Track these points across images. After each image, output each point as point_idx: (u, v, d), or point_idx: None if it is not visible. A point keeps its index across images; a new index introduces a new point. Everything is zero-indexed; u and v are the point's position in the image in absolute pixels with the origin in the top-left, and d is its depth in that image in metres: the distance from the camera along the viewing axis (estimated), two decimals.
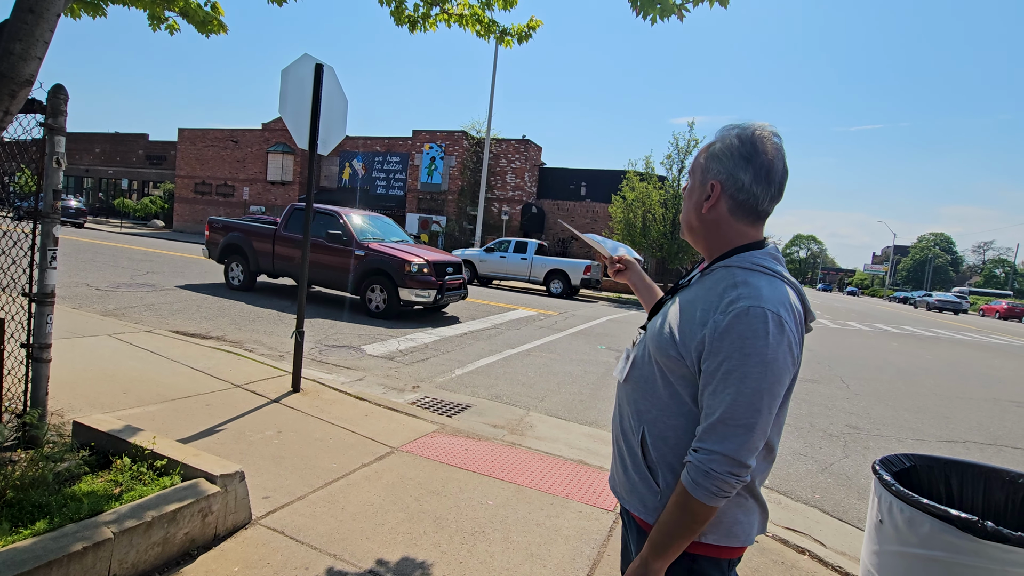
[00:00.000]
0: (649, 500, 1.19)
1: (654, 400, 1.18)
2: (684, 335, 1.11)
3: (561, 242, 27.40)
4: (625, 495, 1.26)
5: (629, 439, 1.25)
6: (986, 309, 40.77)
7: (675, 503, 1.09)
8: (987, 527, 1.48)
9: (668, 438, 1.16)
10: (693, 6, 2.96)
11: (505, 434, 4.18)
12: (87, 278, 9.63)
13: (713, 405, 1.05)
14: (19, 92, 2.07)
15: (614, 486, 1.33)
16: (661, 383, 1.17)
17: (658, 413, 1.17)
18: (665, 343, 1.15)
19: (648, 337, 1.24)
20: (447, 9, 4.20)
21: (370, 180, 29.85)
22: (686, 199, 1.26)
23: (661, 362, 1.17)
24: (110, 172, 38.83)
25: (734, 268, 1.13)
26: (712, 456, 1.04)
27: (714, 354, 1.05)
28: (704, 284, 1.17)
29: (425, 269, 8.87)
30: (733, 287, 1.09)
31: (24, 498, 2.09)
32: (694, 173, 1.23)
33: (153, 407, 3.70)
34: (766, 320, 1.03)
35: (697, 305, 1.13)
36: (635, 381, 1.24)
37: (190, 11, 4.03)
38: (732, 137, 1.16)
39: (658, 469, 1.17)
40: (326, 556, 2.32)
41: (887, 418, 5.96)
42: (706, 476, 1.04)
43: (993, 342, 17.13)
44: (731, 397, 1.03)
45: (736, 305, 1.05)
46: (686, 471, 1.08)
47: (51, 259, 2.76)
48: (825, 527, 3.32)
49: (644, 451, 1.20)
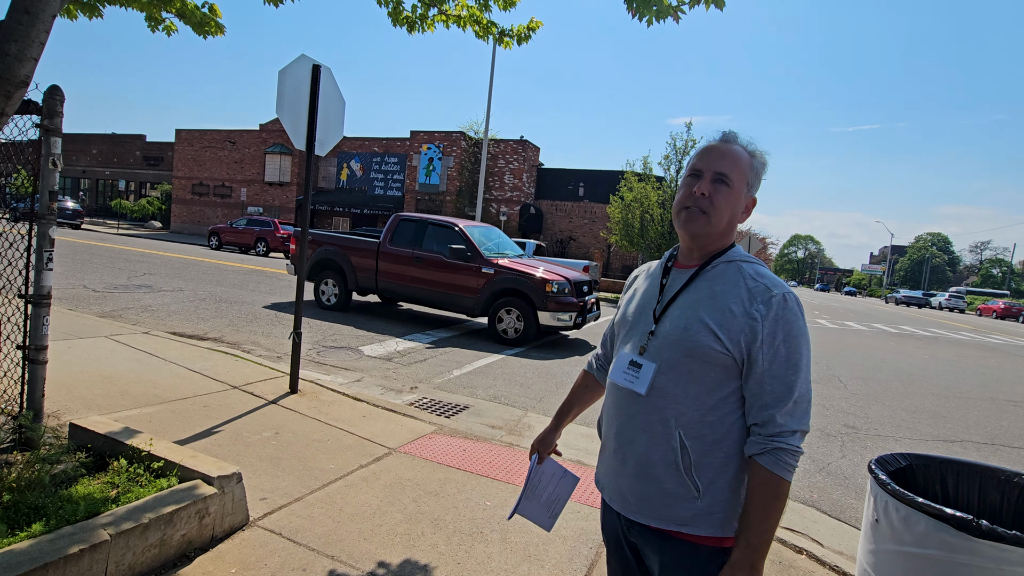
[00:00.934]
0: (686, 509, 1.16)
1: (688, 401, 1.17)
2: (727, 329, 1.14)
3: (559, 243, 27.42)
4: (647, 511, 1.20)
5: (658, 450, 1.18)
6: (983, 309, 40.88)
7: (767, 495, 1.10)
8: (982, 526, 1.48)
9: (704, 436, 1.16)
10: (689, 8, 2.97)
11: (503, 435, 4.18)
12: (84, 279, 9.61)
13: (781, 389, 1.12)
14: (14, 93, 2.06)
15: (625, 506, 1.25)
16: (695, 382, 1.17)
17: (694, 414, 1.16)
18: (705, 339, 1.15)
19: (670, 340, 1.20)
20: (445, 10, 4.20)
21: (368, 181, 29.84)
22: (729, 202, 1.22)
23: (698, 359, 1.16)
24: (107, 173, 38.74)
25: (738, 263, 1.22)
26: (795, 435, 1.12)
27: (770, 341, 1.13)
28: (714, 280, 1.21)
29: (567, 289, 7.89)
30: (752, 279, 1.18)
31: (20, 500, 2.08)
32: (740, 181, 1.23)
33: (150, 409, 3.69)
34: (799, 303, 1.16)
35: (726, 300, 1.17)
36: (663, 387, 1.19)
37: (187, 12, 4.02)
38: (762, 156, 1.27)
39: (695, 472, 1.15)
40: (324, 557, 2.32)
41: (884, 418, 5.97)
42: (794, 455, 1.11)
43: (990, 342, 17.18)
44: (795, 378, 1.12)
45: (773, 294, 1.15)
46: (772, 458, 1.10)
47: (47, 260, 2.75)
48: (823, 526, 3.33)
49: (683, 457, 1.16)
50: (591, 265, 17.32)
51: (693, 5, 2.95)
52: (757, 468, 1.12)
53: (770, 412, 1.11)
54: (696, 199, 1.22)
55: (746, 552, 1.10)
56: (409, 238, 8.80)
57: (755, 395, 1.14)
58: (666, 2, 2.96)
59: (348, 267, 9.12)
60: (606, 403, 1.35)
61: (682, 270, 1.29)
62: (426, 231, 8.78)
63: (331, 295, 9.34)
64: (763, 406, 1.12)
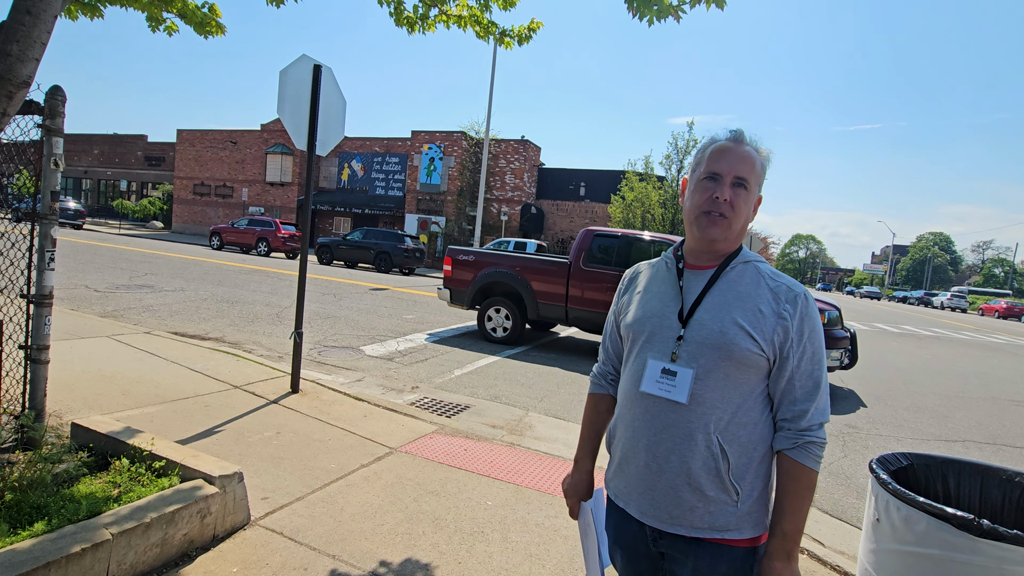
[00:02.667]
0: (725, 515, 1.16)
1: (725, 405, 1.16)
2: (760, 331, 1.16)
3: (560, 242, 27.42)
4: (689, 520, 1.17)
5: (699, 458, 1.15)
6: (985, 308, 40.80)
7: (802, 486, 1.14)
8: (983, 525, 1.48)
9: (739, 437, 1.17)
10: (690, 7, 2.96)
11: (504, 434, 4.18)
12: (85, 279, 9.63)
13: (808, 386, 1.16)
14: (16, 94, 2.07)
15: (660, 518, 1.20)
16: (732, 385, 1.16)
17: (730, 417, 1.16)
18: (742, 341, 1.15)
19: (706, 345, 1.17)
20: (446, 10, 4.20)
21: (369, 181, 29.85)
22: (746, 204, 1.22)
23: (735, 362, 1.15)
24: (109, 173, 38.80)
25: (754, 263, 1.25)
26: (822, 427, 1.17)
27: (798, 340, 1.16)
28: (736, 282, 1.22)
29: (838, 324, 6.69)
30: (771, 279, 1.21)
31: (23, 499, 2.09)
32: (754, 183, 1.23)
33: (152, 408, 3.70)
34: (814, 301, 1.21)
35: (754, 301, 1.19)
36: (699, 394, 1.16)
37: (188, 12, 4.02)
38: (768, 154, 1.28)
39: (734, 476, 1.15)
40: (325, 557, 2.32)
41: (886, 417, 5.96)
42: (821, 447, 1.16)
43: (992, 341, 17.15)
44: (822, 372, 1.18)
45: (796, 293, 1.19)
46: (804, 452, 1.14)
47: (49, 260, 2.76)
48: (824, 526, 3.32)
49: (723, 462, 1.15)
50: None
51: (694, 4, 2.94)
52: (789, 462, 1.15)
53: (801, 407, 1.15)
54: (719, 205, 1.20)
55: (783, 542, 1.14)
56: (611, 257, 7.42)
57: (785, 392, 1.17)
58: (667, 1, 2.96)
59: (527, 292, 7.67)
60: (628, 415, 1.27)
61: (697, 271, 1.26)
62: (636, 248, 7.36)
63: (501, 325, 7.90)
64: (793, 401, 1.16)
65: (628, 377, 1.28)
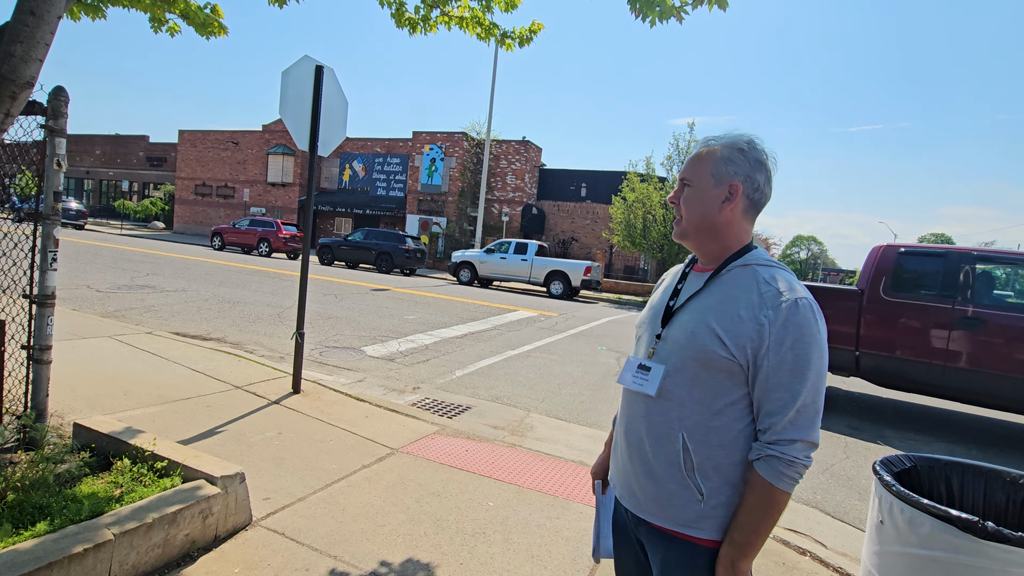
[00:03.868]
0: (690, 510, 1.18)
1: (694, 405, 1.18)
2: (733, 335, 1.14)
3: (561, 243, 27.41)
4: (655, 510, 1.22)
5: (663, 451, 1.20)
6: None
7: (758, 500, 1.11)
8: (988, 527, 1.48)
9: (710, 440, 1.17)
10: (692, 8, 2.96)
11: (505, 435, 4.18)
12: (87, 280, 9.64)
13: (785, 397, 1.10)
14: (20, 94, 2.07)
15: (635, 503, 1.27)
16: (701, 386, 1.17)
17: (699, 417, 1.17)
18: (711, 344, 1.15)
19: (680, 344, 1.21)
20: (448, 11, 4.20)
21: (370, 181, 29.87)
22: (693, 204, 1.26)
23: (704, 364, 1.17)
24: (111, 174, 38.86)
25: (753, 266, 1.20)
26: (795, 445, 1.10)
27: (776, 348, 1.10)
28: (726, 284, 1.21)
29: None
30: (765, 283, 1.16)
31: (25, 499, 2.09)
32: (699, 179, 1.25)
33: (153, 408, 3.70)
34: (813, 310, 1.13)
35: (735, 305, 1.16)
36: (669, 390, 1.21)
37: (190, 13, 4.03)
38: (740, 142, 1.24)
39: (698, 475, 1.17)
40: (327, 557, 2.32)
41: (887, 418, 5.95)
42: (790, 465, 1.09)
43: None
44: (801, 385, 1.10)
45: (784, 299, 1.12)
46: (766, 464, 1.10)
47: (51, 261, 2.76)
48: (826, 528, 3.32)
49: (685, 459, 1.18)
50: (593, 266, 17.31)
51: (696, 5, 2.94)
52: (753, 473, 1.13)
53: (772, 419, 1.11)
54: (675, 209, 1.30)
55: (729, 549, 1.13)
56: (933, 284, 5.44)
57: (760, 401, 1.14)
58: (669, 3, 2.96)
59: None
60: (620, 407, 1.37)
61: (699, 274, 1.30)
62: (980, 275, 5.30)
63: None
64: (767, 413, 1.12)
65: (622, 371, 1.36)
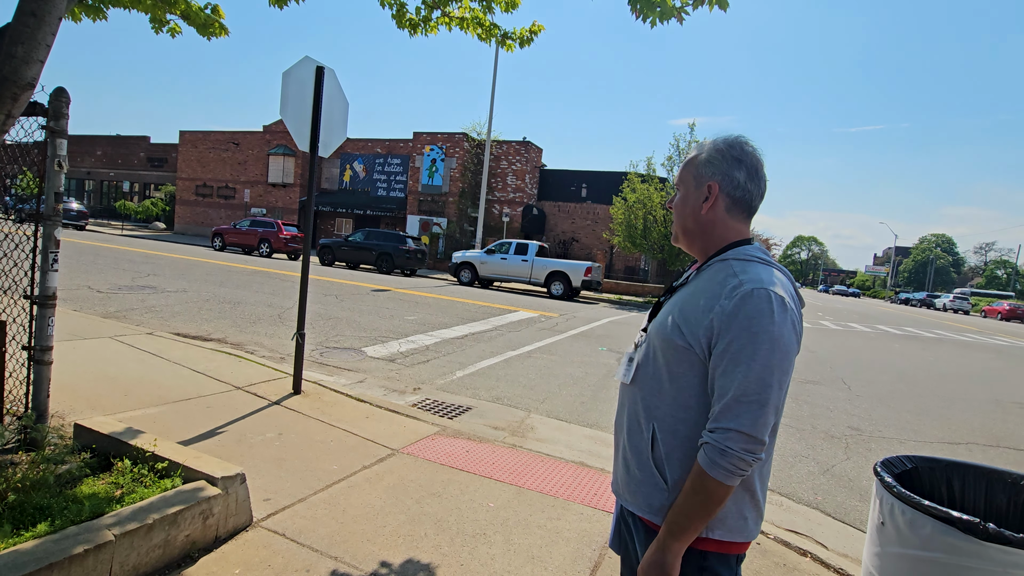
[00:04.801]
0: (656, 498, 1.20)
1: (662, 396, 1.21)
2: (691, 324, 1.16)
3: (562, 244, 27.41)
4: (629, 496, 1.27)
5: (635, 439, 1.26)
6: (988, 310, 40.70)
7: (692, 485, 1.12)
8: (989, 529, 1.47)
9: (678, 431, 1.18)
10: (693, 8, 2.96)
11: (506, 436, 4.17)
12: (88, 280, 9.64)
13: (726, 385, 1.09)
14: (21, 95, 2.07)
15: (617, 489, 1.34)
16: (667, 377, 1.20)
17: (667, 408, 1.20)
18: (672, 334, 1.19)
19: (652, 336, 1.27)
20: (448, 12, 4.20)
21: (371, 182, 29.88)
22: (679, 207, 1.32)
23: (668, 355, 1.20)
24: (111, 174, 38.89)
25: (730, 260, 1.21)
26: (728, 434, 1.07)
27: (724, 335, 1.10)
28: (702, 278, 1.24)
29: None
30: (733, 275, 1.16)
31: (26, 500, 2.09)
32: (684, 183, 1.31)
33: (154, 409, 3.70)
34: (770, 300, 1.10)
35: (700, 296, 1.19)
36: (641, 380, 1.26)
37: (191, 14, 4.03)
38: (719, 143, 1.26)
39: (666, 465, 1.19)
40: (327, 558, 2.32)
41: (889, 419, 5.94)
42: (723, 454, 1.07)
43: (995, 343, 17.09)
44: (743, 375, 1.07)
45: (740, 289, 1.11)
46: (703, 451, 1.10)
47: (52, 261, 2.76)
48: (827, 529, 3.31)
49: (653, 447, 1.21)
50: (594, 267, 17.30)
51: (697, 6, 2.94)
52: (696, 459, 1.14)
53: (715, 407, 1.11)
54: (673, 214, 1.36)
55: (664, 528, 1.15)
56: None
57: (711, 389, 1.14)
58: (670, 3, 2.96)
59: None
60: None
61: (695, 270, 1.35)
62: None
63: None
64: (714, 400, 1.12)
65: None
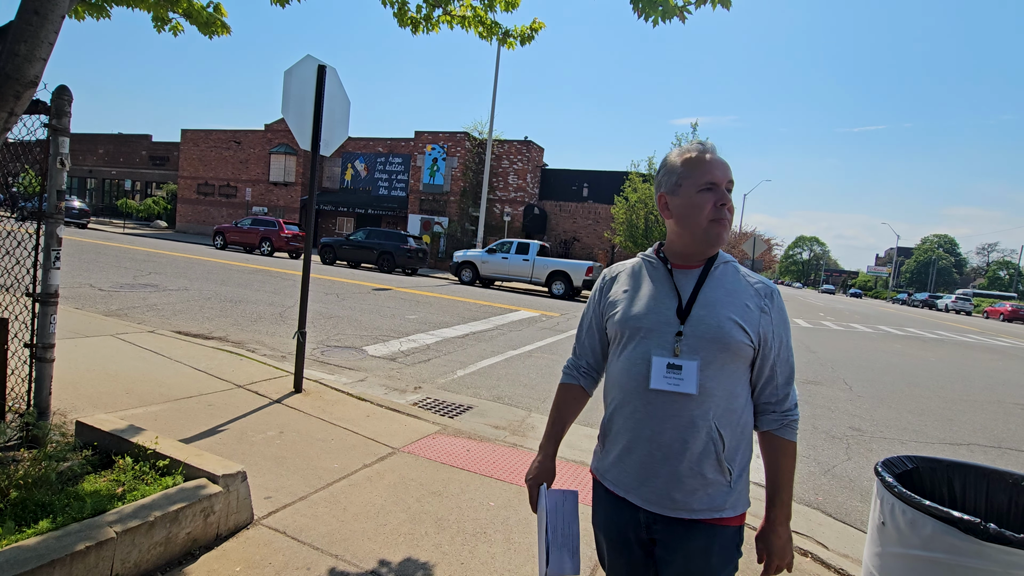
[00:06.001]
0: (722, 495, 1.26)
1: (721, 394, 1.26)
2: (750, 324, 1.27)
3: (563, 243, 27.40)
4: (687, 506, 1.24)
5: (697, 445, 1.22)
6: (990, 311, 40.61)
7: (788, 461, 1.30)
8: (990, 529, 1.47)
9: (731, 422, 1.27)
10: (695, 8, 2.96)
11: (507, 435, 4.18)
12: (90, 278, 9.66)
13: (787, 371, 1.31)
14: (24, 93, 2.07)
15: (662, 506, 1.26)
16: (727, 375, 1.27)
17: (725, 404, 1.26)
18: (738, 335, 1.26)
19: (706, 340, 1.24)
20: (450, 11, 4.20)
21: (372, 181, 29.89)
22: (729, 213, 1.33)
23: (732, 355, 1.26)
24: (113, 173, 38.94)
25: (732, 264, 1.37)
26: (795, 409, 1.32)
27: (778, 330, 1.30)
28: (724, 281, 1.33)
29: None
30: (748, 277, 1.34)
31: (28, 497, 2.10)
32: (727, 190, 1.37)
33: (155, 407, 3.71)
34: (781, 295, 1.35)
35: (742, 299, 1.30)
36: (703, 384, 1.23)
37: (193, 12, 4.04)
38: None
39: (729, 461, 1.26)
40: (328, 556, 2.33)
41: (890, 420, 5.94)
42: (796, 423, 1.32)
43: (997, 344, 17.06)
44: (793, 358, 1.33)
45: (770, 287, 1.33)
46: (787, 429, 1.30)
47: (55, 259, 2.77)
48: (828, 529, 3.31)
49: (717, 448, 1.24)
50: (595, 266, 17.30)
51: (699, 5, 2.94)
52: (779, 440, 1.30)
53: (784, 391, 1.30)
54: (725, 212, 1.29)
55: (783, 510, 1.30)
56: None
57: (769, 378, 1.30)
58: (672, 2, 2.95)
59: None
60: (628, 408, 1.30)
61: (685, 271, 1.34)
62: None
63: None
64: (776, 386, 1.30)
65: (625, 372, 1.32)
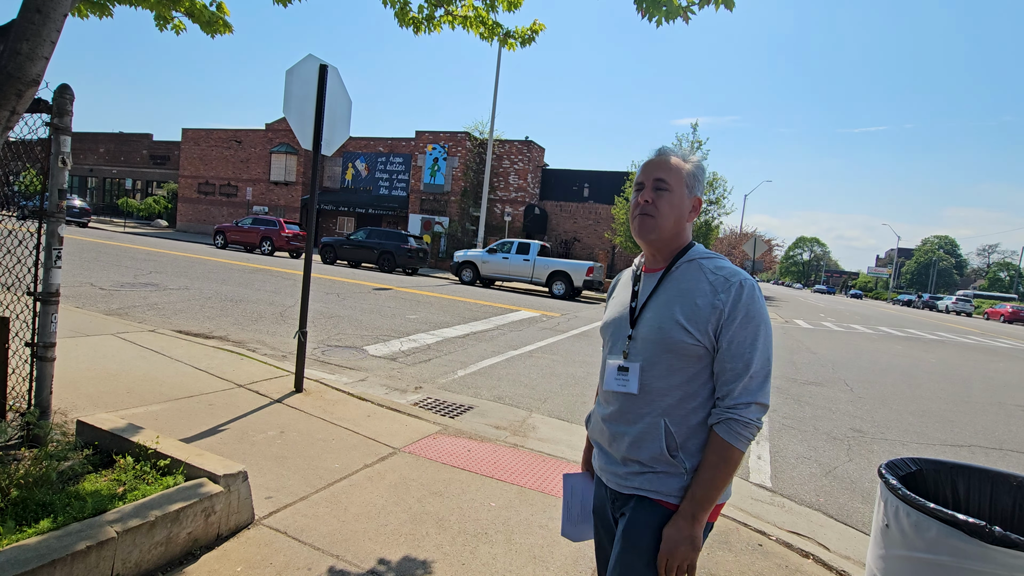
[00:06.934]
0: (675, 484, 1.30)
1: (672, 392, 1.30)
2: (697, 323, 1.27)
3: (564, 243, 27.39)
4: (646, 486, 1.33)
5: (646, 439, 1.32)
6: (991, 312, 40.60)
7: (717, 459, 1.24)
8: (994, 532, 1.47)
9: (688, 419, 1.30)
10: (699, 8, 2.95)
11: (507, 435, 4.17)
12: (91, 277, 9.66)
13: (737, 367, 1.25)
14: (26, 92, 2.07)
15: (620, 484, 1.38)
16: (677, 373, 1.30)
17: (678, 401, 1.30)
18: (679, 335, 1.28)
19: (649, 341, 1.33)
20: (451, 11, 4.20)
21: (373, 181, 29.89)
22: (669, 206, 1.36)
23: (676, 354, 1.29)
24: (114, 172, 38.94)
25: (699, 260, 1.36)
26: (749, 407, 1.25)
27: (729, 324, 1.26)
28: (680, 280, 1.34)
29: None
30: (712, 272, 1.31)
31: (28, 496, 2.09)
32: (677, 185, 1.36)
33: (156, 406, 3.71)
34: (755, 288, 1.29)
35: (693, 297, 1.30)
36: (647, 384, 1.33)
37: (196, 11, 4.03)
38: (699, 162, 1.41)
39: (681, 452, 1.29)
40: (328, 556, 2.32)
41: (891, 421, 5.93)
42: (746, 426, 1.24)
43: (998, 345, 17.04)
44: (753, 354, 1.25)
45: (732, 281, 1.28)
46: (725, 427, 1.25)
47: (56, 258, 2.76)
48: (829, 531, 3.30)
49: (668, 442, 1.30)
50: (595, 266, 17.29)
51: (703, 5, 2.93)
52: (713, 435, 1.27)
53: (730, 387, 1.26)
54: (643, 207, 1.36)
55: (690, 505, 1.26)
56: None
57: (719, 373, 1.28)
58: (676, 2, 2.95)
59: None
60: (597, 406, 1.50)
61: (650, 274, 1.42)
62: None
63: None
64: (724, 382, 1.27)
65: (601, 376, 1.48)
